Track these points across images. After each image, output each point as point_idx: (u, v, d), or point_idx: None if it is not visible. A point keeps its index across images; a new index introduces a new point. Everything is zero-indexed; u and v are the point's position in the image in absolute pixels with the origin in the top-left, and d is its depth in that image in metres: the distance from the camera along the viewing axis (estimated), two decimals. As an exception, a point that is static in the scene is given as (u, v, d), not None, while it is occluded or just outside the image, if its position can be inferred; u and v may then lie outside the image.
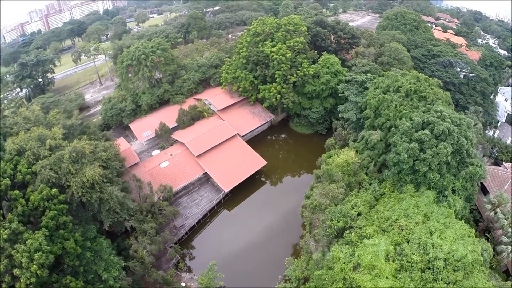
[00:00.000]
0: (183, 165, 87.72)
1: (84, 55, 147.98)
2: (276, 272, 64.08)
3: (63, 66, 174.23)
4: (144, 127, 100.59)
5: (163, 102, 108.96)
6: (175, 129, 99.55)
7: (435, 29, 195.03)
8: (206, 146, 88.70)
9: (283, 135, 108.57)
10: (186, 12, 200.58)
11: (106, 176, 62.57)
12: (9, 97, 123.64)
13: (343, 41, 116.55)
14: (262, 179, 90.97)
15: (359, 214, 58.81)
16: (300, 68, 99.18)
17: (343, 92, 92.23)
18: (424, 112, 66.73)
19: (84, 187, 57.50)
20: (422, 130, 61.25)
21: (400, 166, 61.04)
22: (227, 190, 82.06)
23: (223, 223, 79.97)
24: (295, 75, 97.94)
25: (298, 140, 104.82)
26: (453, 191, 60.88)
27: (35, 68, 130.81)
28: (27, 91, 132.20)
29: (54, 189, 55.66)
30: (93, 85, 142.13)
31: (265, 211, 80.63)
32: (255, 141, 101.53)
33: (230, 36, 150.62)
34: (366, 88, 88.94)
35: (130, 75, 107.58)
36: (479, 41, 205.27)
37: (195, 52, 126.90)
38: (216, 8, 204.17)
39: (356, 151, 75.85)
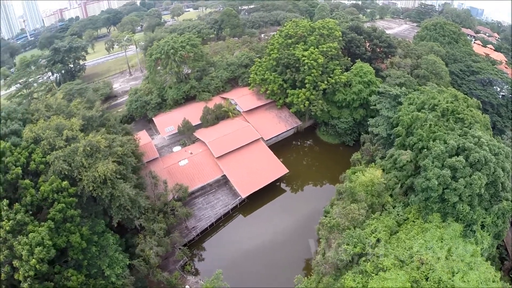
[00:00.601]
0: (202, 165, 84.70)
1: (117, 45, 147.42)
2: (284, 285, 60.95)
3: (96, 54, 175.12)
4: (168, 122, 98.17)
5: (189, 98, 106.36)
6: (198, 126, 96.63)
7: (474, 43, 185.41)
8: (228, 148, 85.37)
9: (308, 143, 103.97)
10: (221, 8, 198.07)
11: (120, 172, 60.27)
12: (40, 81, 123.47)
13: (378, 50, 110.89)
14: (282, 186, 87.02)
15: (378, 240, 54.04)
16: (331, 75, 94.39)
17: (375, 105, 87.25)
18: (460, 136, 61.40)
19: (96, 182, 55.46)
20: (456, 156, 56.13)
21: (428, 193, 56.10)
22: (244, 196, 78.55)
23: (236, 229, 76.77)
24: (326, 82, 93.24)
25: (323, 150, 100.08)
26: (482, 226, 55.76)
27: (67, 54, 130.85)
28: (58, 76, 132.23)
29: (65, 182, 53.78)
30: (122, 75, 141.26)
31: (281, 221, 76.67)
32: (279, 146, 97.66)
33: (262, 35, 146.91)
34: (400, 103, 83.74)
35: (158, 68, 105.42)
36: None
37: (225, 50, 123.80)
38: (251, 6, 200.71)
39: (383, 170, 70.98)
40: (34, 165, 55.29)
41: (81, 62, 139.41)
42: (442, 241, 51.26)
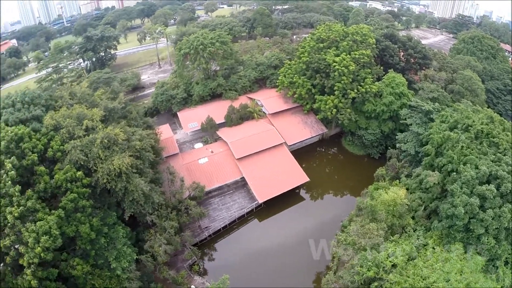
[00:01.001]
0: (222, 165, 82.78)
1: (149, 37, 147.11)
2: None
3: (128, 44, 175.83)
4: (192, 118, 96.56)
5: (215, 96, 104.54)
6: (222, 125, 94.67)
7: None
8: (249, 150, 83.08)
9: (332, 151, 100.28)
10: (255, 7, 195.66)
11: (136, 166, 59.14)
12: (70, 67, 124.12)
13: (412, 60, 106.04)
14: (302, 194, 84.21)
15: (394, 265, 50.52)
16: (362, 84, 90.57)
17: (405, 119, 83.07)
18: (493, 162, 57.45)
19: (110, 175, 54.61)
20: (487, 184, 52.30)
21: (453, 220, 52.68)
22: (261, 201, 76.34)
23: (250, 233, 74.82)
24: (355, 90, 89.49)
25: (347, 160, 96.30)
26: (506, 262, 51.94)
27: (99, 42, 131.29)
28: (88, 63, 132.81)
29: (80, 172, 53.44)
30: (152, 67, 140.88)
31: (296, 229, 73.85)
32: (302, 152, 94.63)
33: (294, 37, 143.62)
34: (432, 119, 79.63)
35: (187, 63, 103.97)
36: None
37: (256, 49, 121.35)
38: (285, 6, 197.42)
39: (407, 189, 67.28)
40: (52, 152, 55.15)
41: (112, 52, 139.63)
42: (461, 274, 47.32)
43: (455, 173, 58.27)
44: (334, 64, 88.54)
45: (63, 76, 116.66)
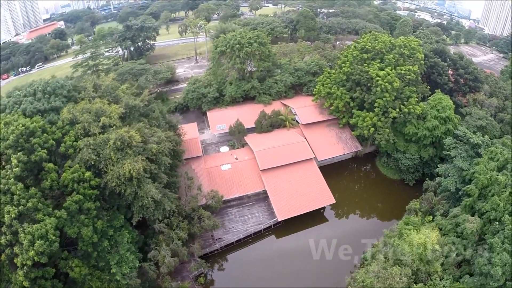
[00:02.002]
0: (245, 174, 76.72)
1: (189, 30, 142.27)
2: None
3: (169, 35, 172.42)
4: (221, 119, 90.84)
5: (247, 98, 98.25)
6: (251, 130, 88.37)
7: None
8: (275, 162, 76.37)
9: (364, 171, 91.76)
10: (300, 8, 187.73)
11: (150, 170, 54.48)
12: (106, 54, 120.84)
13: (462, 81, 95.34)
14: (325, 213, 76.68)
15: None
16: (405, 103, 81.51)
17: (449, 149, 73.44)
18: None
19: (120, 179, 50.34)
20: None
21: (487, 279, 44.67)
22: (281, 219, 69.92)
23: (264, 250, 69.09)
24: (397, 109, 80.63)
25: (379, 183, 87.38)
26: None
27: (138, 32, 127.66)
28: (125, 52, 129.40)
29: (88, 173, 49.97)
30: (189, 61, 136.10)
31: (313, 253, 65.69)
32: (332, 168, 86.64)
33: (337, 43, 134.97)
34: (479, 154, 69.73)
35: (222, 61, 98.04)
36: None
37: (295, 53, 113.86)
38: (331, 10, 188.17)
39: (439, 228, 59.13)
40: (64, 148, 51.54)
41: (151, 42, 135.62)
42: None
43: (498, 223, 50.71)
44: (377, 78, 79.96)
45: (99, 63, 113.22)
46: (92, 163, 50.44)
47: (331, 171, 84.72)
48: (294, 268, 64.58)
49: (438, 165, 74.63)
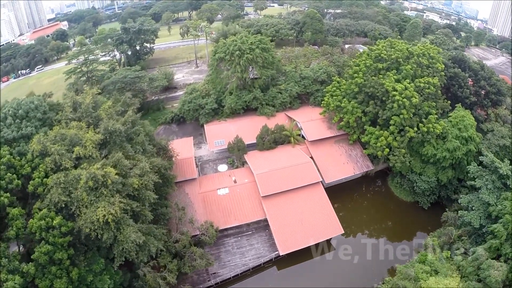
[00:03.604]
0: (244, 200, 65.80)
1: (190, 32, 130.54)
2: None
3: (171, 37, 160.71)
4: (219, 134, 79.69)
5: (249, 109, 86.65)
6: (252, 146, 77.10)
7: None
8: (278, 187, 65.20)
9: (375, 192, 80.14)
10: (306, 8, 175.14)
11: (131, 209, 44.19)
12: (101, 59, 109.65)
13: (483, 94, 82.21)
14: (332, 241, 65.03)
15: None
16: (424, 120, 69.68)
17: (473, 178, 61.54)
18: None
19: (95, 224, 40.41)
20: None
21: None
22: (283, 253, 59.38)
23: (264, 285, 59.32)
24: (415, 128, 68.81)
25: (391, 205, 76.14)
26: None
27: (135, 35, 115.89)
28: (122, 56, 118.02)
29: (58, 218, 40.56)
30: (189, 65, 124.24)
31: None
32: (340, 189, 74.87)
33: (346, 46, 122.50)
34: (506, 186, 58.29)
35: (223, 68, 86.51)
36: None
37: (301, 58, 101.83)
38: (338, 11, 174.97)
39: (458, 268, 50.09)
40: (32, 188, 42.73)
41: (149, 45, 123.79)
42: None
43: None
44: (394, 93, 68.00)
45: (93, 68, 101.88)
46: (63, 205, 40.78)
47: (339, 192, 73.73)
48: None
49: (461, 196, 62.99)
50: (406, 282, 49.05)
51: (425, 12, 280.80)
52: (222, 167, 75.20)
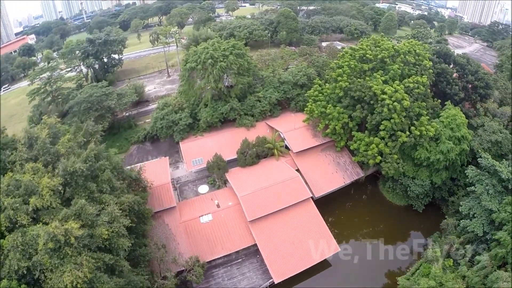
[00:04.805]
0: (230, 226, 57.59)
1: (160, 40, 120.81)
2: None
3: (141, 45, 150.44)
4: (196, 151, 71.01)
5: (227, 120, 78.24)
6: (233, 162, 69.14)
7: None
8: (265, 210, 57.31)
9: (367, 199, 73.20)
10: (278, 7, 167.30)
11: (104, 263, 36.28)
12: (67, 75, 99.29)
13: (470, 88, 76.51)
14: (329, 258, 57.63)
15: None
16: (415, 122, 63.11)
17: (472, 183, 55.77)
18: None
19: None
20: None
21: None
22: (278, 281, 51.77)
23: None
24: (407, 132, 62.11)
25: (384, 211, 69.77)
26: None
27: (102, 47, 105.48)
28: (88, 70, 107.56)
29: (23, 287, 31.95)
30: (160, 74, 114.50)
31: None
32: (330, 199, 67.43)
33: (323, 44, 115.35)
34: (507, 188, 53.24)
35: (195, 78, 77.86)
36: None
37: (279, 61, 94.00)
38: (311, 8, 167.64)
39: (463, 277, 46.77)
40: None
41: (117, 57, 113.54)
42: None
43: None
44: (383, 96, 60.84)
45: (59, 87, 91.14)
46: (25, 272, 32.21)
47: (330, 203, 66.80)
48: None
49: (457, 197, 57.74)
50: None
51: (397, 4, 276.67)
52: (203, 188, 66.96)
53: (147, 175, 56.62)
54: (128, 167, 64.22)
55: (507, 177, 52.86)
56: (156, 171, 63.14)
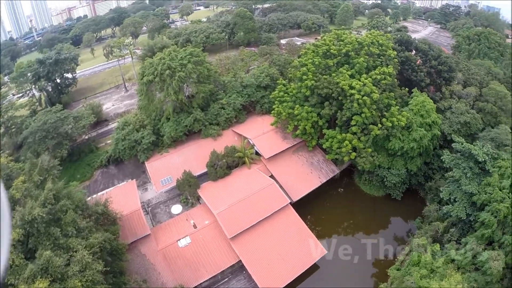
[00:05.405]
0: (210, 246, 53.00)
1: (114, 53, 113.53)
2: None
3: (95, 60, 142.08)
4: (164, 170, 65.79)
5: (192, 132, 73.38)
6: (204, 175, 64.58)
7: None
8: (244, 224, 53.19)
9: (344, 195, 70.48)
10: (233, 7, 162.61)
11: None
12: (18, 101, 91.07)
13: (434, 73, 75.38)
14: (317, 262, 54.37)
15: None
16: (385, 114, 60.84)
17: (449, 168, 54.28)
18: None
19: None
20: None
21: None
22: (268, 297, 47.31)
23: None
24: (379, 124, 59.72)
25: (364, 204, 67.83)
26: None
27: (53, 67, 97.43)
28: (41, 94, 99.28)
29: None
30: (118, 90, 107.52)
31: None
32: (308, 201, 63.57)
33: (282, 42, 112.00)
34: (484, 170, 51.90)
35: (155, 91, 72.40)
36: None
37: (239, 63, 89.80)
38: (266, 5, 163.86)
39: (452, 260, 45.39)
40: None
41: (71, 76, 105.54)
42: None
43: None
44: (352, 91, 57.97)
45: (10, 116, 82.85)
46: None
47: (309, 205, 63.32)
48: None
49: (441, 189, 55.42)
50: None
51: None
52: (176, 208, 62.05)
53: (115, 202, 51.09)
54: (94, 195, 59.69)
55: (483, 159, 51.59)
56: (124, 197, 58.00)
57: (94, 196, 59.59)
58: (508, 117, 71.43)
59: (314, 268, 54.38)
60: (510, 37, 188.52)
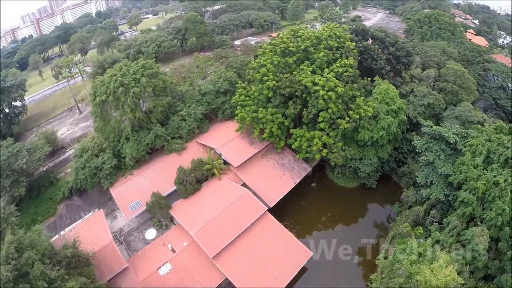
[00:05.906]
0: (193, 270, 49.28)
1: (63, 73, 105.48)
2: None
3: (46, 82, 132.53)
4: (131, 195, 60.64)
5: (154, 150, 68.71)
6: (174, 193, 60.43)
7: (466, 32, 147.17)
8: (225, 240, 49.80)
9: (320, 192, 68.39)
10: (183, 13, 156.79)
11: None
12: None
13: (393, 60, 75.13)
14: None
15: None
16: (351, 106, 59.03)
17: (422, 152, 53.92)
18: None
19: None
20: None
21: None
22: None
23: None
24: (347, 118, 57.79)
25: (340, 198, 66.70)
26: None
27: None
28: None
29: None
30: (71, 112, 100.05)
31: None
32: (284, 204, 60.95)
33: (236, 42, 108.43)
34: (456, 149, 52.16)
35: (110, 111, 66.97)
36: (500, 41, 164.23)
37: (195, 70, 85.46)
38: (216, 7, 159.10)
39: (437, 241, 46.75)
40: None
41: (19, 103, 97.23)
42: None
43: (508, 228, 42.23)
44: (316, 88, 55.52)
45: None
46: None
47: (285, 207, 61.09)
48: None
49: (417, 173, 54.49)
50: (398, 278, 43.32)
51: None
52: (150, 233, 57.60)
53: (84, 238, 46.45)
54: (62, 232, 55.09)
55: (454, 140, 51.16)
56: (93, 230, 53.23)
57: (62, 233, 54.78)
58: (469, 94, 72.09)
59: (302, 270, 52.04)
60: (456, 15, 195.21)
